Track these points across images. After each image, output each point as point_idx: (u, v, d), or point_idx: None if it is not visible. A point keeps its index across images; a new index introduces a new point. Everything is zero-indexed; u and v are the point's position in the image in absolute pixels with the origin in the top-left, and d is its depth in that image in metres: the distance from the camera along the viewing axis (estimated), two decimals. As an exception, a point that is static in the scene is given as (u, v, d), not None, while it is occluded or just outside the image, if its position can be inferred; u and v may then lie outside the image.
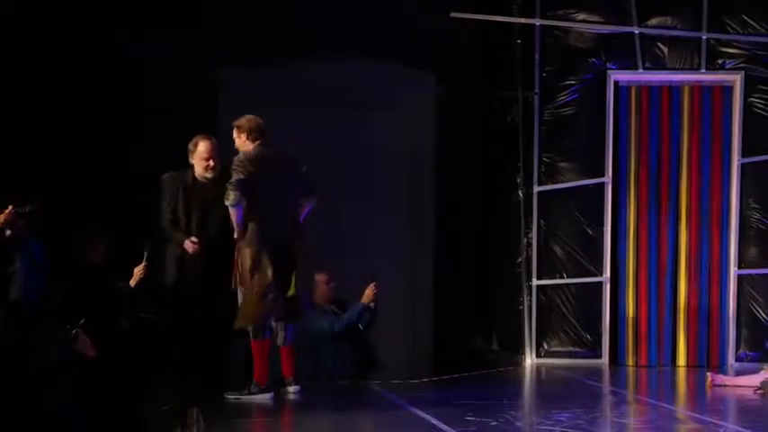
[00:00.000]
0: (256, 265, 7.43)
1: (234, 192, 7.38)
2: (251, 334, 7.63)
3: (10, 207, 7.24)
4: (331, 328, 9.01)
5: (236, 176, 7.43)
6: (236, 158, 7.56)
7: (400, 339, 9.57)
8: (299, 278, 7.64)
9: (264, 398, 7.57)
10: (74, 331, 6.87)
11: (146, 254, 8.40)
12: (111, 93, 10.13)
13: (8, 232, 7.17)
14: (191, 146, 7.77)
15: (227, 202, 7.42)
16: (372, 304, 9.17)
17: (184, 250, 7.66)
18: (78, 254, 8.31)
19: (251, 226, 7.46)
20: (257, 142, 7.62)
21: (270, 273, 7.45)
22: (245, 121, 7.67)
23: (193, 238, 7.65)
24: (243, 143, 7.65)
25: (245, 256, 7.47)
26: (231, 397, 7.57)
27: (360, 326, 9.18)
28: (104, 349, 6.99)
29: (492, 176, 11.12)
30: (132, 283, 8.40)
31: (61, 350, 6.36)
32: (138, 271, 8.40)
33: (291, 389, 7.87)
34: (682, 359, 10.69)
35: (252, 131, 7.62)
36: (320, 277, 9.25)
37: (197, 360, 7.88)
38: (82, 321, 7.02)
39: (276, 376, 7.93)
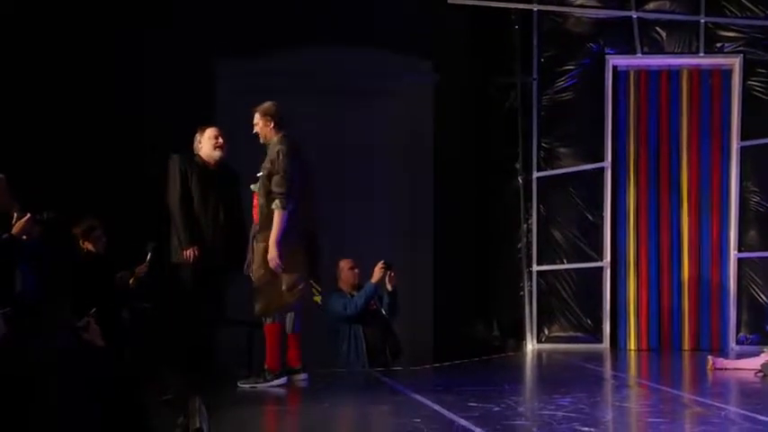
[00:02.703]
0: (288, 257, 7.42)
1: (288, 200, 7.35)
2: (264, 319, 7.63)
3: (28, 215, 7.25)
4: (345, 310, 9.03)
5: (283, 180, 7.35)
6: (280, 152, 7.43)
7: (401, 326, 9.56)
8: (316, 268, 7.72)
9: (279, 383, 7.57)
10: (85, 320, 6.90)
11: (149, 254, 8.42)
12: (110, 85, 10.12)
13: (24, 237, 7.19)
14: (197, 134, 7.86)
15: (279, 209, 7.35)
16: (389, 287, 9.19)
17: (183, 252, 7.73)
18: (79, 244, 8.34)
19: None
20: (282, 133, 7.54)
21: (301, 263, 7.49)
22: (271, 106, 7.58)
23: (196, 250, 7.68)
24: (269, 131, 7.56)
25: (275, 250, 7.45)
26: (246, 386, 7.55)
27: (383, 311, 9.21)
28: (106, 340, 7.01)
29: (491, 162, 11.12)
30: (132, 281, 8.44)
31: (69, 339, 6.37)
32: (140, 270, 8.44)
33: (299, 377, 7.87)
34: (683, 343, 10.71)
35: (281, 118, 7.56)
36: (344, 263, 9.28)
37: (199, 349, 7.91)
38: (93, 311, 7.04)
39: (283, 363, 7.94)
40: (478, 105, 11.25)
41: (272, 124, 7.55)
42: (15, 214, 7.15)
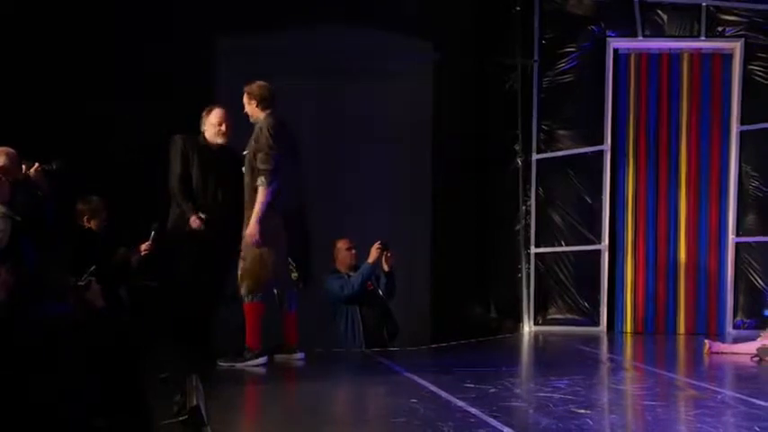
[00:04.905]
0: (270, 233, 7.47)
1: (273, 178, 7.45)
2: (244, 297, 7.65)
3: (36, 164, 7.30)
4: (342, 290, 9.02)
5: (267, 157, 7.45)
6: (264, 130, 7.55)
7: (398, 307, 9.57)
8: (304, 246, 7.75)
9: (258, 362, 7.58)
10: (86, 279, 6.91)
11: (153, 233, 8.45)
12: (110, 61, 10.08)
13: (39, 193, 7.22)
14: (204, 113, 7.99)
15: (262, 186, 7.45)
16: (386, 268, 9.19)
17: (188, 222, 7.83)
18: (81, 220, 8.37)
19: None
20: (268, 111, 7.69)
21: (282, 239, 7.51)
22: (256, 87, 7.75)
23: (201, 215, 7.80)
24: (253, 110, 7.74)
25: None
26: (225, 364, 7.58)
27: (380, 292, 9.20)
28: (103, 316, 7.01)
29: (490, 144, 11.11)
30: (134, 259, 8.47)
31: (68, 307, 6.38)
32: (144, 248, 8.47)
33: (296, 356, 7.90)
34: (679, 327, 10.72)
35: (263, 100, 7.71)
36: (341, 243, 9.28)
37: (197, 327, 7.93)
38: (93, 268, 7.05)
39: (280, 341, 7.96)
40: (478, 87, 11.22)
41: (255, 103, 7.68)
42: (24, 166, 7.19)
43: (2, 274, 6.53)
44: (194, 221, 7.87)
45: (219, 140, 8.01)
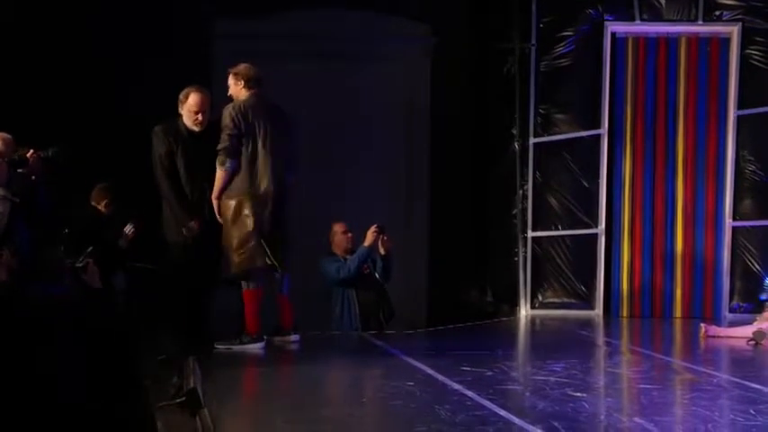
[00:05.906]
0: (237, 215, 7.48)
1: (227, 158, 7.47)
2: (243, 283, 7.65)
3: (31, 150, 7.26)
4: (338, 273, 9.02)
5: (226, 137, 7.46)
6: (228, 110, 7.55)
7: (395, 290, 9.58)
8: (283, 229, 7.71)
9: (256, 347, 7.60)
10: (84, 260, 6.91)
11: (132, 228, 8.50)
12: (107, 46, 10.05)
13: (33, 177, 7.21)
14: (181, 96, 7.75)
15: (219, 166, 7.49)
16: (382, 251, 9.18)
17: (183, 228, 7.75)
18: (94, 204, 8.44)
19: (236, 176, 7.50)
20: (252, 91, 7.65)
21: (250, 222, 7.49)
22: (243, 68, 7.69)
23: (193, 223, 7.69)
24: (239, 90, 7.67)
25: (226, 207, 7.51)
26: (222, 347, 7.59)
27: (376, 275, 9.20)
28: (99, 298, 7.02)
29: (488, 128, 11.10)
30: (123, 243, 8.50)
31: (66, 287, 6.39)
32: (128, 233, 8.49)
33: (290, 338, 7.92)
34: (676, 311, 10.75)
35: (250, 80, 7.66)
36: (338, 227, 9.27)
37: (193, 310, 7.92)
38: (90, 250, 7.04)
39: (275, 324, 7.97)
40: (476, 70, 11.20)
41: (242, 84, 7.64)
42: (20, 152, 7.17)
43: (4, 255, 6.54)
44: (188, 230, 7.78)
45: (196, 129, 7.80)
